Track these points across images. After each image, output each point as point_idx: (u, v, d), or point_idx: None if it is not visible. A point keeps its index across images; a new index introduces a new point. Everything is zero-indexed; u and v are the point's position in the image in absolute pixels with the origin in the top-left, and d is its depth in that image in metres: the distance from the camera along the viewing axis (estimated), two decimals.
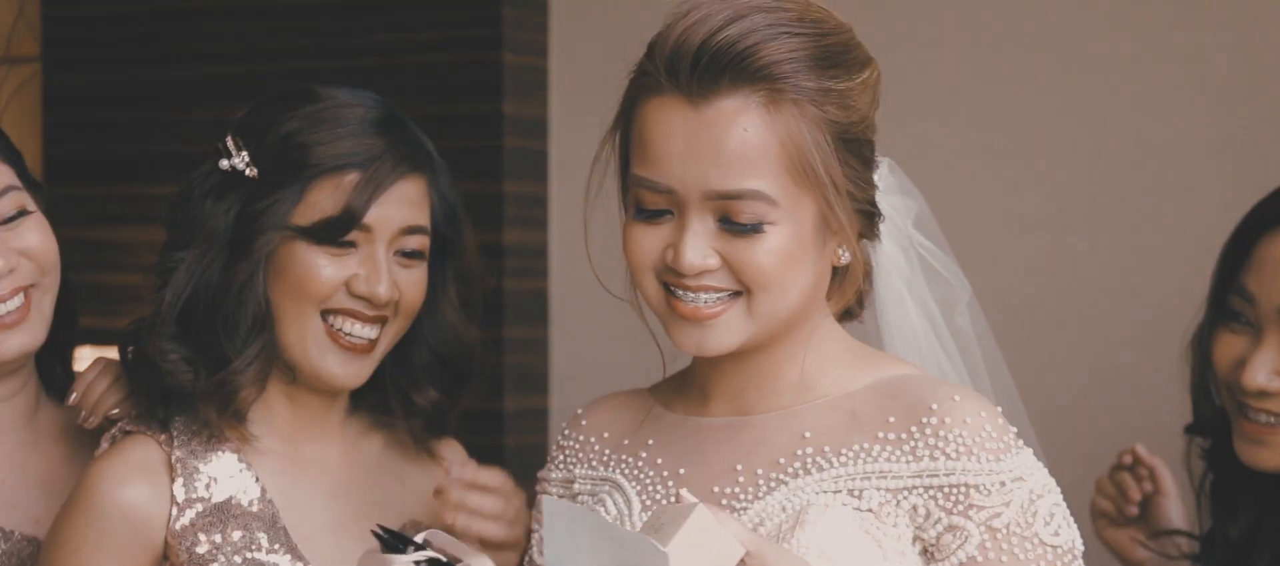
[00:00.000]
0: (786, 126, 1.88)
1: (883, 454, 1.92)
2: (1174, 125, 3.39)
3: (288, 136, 2.24)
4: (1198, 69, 3.38)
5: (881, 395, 1.96)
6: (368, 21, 3.94)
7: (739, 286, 1.92)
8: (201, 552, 2.20)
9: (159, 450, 2.24)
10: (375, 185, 2.22)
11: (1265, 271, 2.28)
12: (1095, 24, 3.44)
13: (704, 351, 1.95)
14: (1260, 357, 2.27)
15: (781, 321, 1.95)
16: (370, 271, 2.22)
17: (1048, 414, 3.37)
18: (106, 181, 4.20)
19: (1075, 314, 3.46)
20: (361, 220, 2.21)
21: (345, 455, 2.34)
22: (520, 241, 3.82)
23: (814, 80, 1.89)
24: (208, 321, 2.24)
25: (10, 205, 2.33)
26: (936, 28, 3.55)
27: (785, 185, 1.89)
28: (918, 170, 2.13)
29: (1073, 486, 2.80)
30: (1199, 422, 2.44)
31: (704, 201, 1.89)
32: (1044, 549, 1.90)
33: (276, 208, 2.22)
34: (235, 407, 2.24)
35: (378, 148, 2.24)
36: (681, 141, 1.89)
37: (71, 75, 4.30)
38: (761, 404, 2.01)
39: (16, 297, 2.31)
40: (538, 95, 3.89)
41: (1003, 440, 1.92)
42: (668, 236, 1.92)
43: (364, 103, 2.28)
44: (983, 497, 1.89)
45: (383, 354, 2.28)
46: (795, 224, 1.90)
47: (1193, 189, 3.33)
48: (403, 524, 2.30)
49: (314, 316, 2.23)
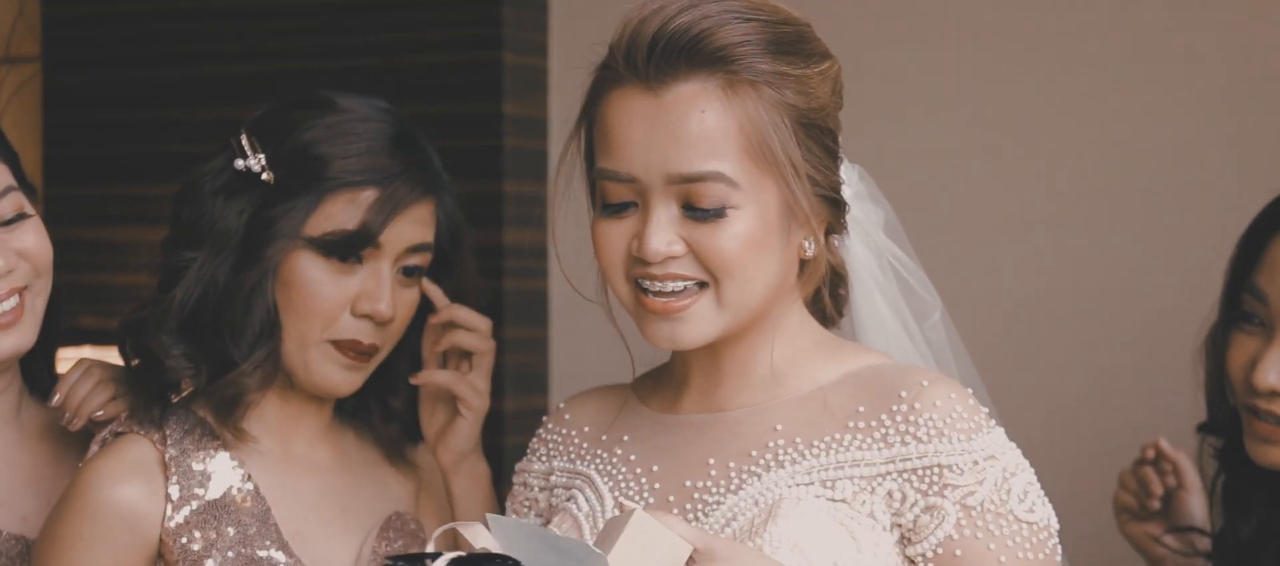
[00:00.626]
0: (744, 109, 1.90)
1: (854, 443, 1.94)
2: (1174, 125, 3.39)
3: (307, 146, 2.25)
4: (1198, 69, 3.37)
5: (852, 385, 1.98)
6: (368, 21, 3.94)
7: (705, 275, 1.93)
8: (196, 550, 2.21)
9: (153, 449, 2.25)
10: (393, 205, 2.24)
11: (1278, 271, 2.28)
12: (1095, 24, 3.44)
13: (677, 345, 1.96)
14: (1272, 357, 2.27)
15: (751, 310, 1.96)
16: (374, 288, 2.24)
17: (1049, 413, 3.38)
18: (106, 181, 4.20)
19: (1075, 314, 3.45)
20: (377, 239, 2.24)
21: (333, 452, 2.36)
22: (520, 241, 3.82)
23: (769, 63, 1.92)
24: (213, 323, 2.25)
25: (10, 206, 2.34)
26: (936, 27, 3.55)
27: (746, 168, 1.91)
28: (916, 170, 2.14)
29: (1074, 484, 2.81)
30: (1213, 423, 2.44)
31: (666, 187, 1.91)
32: (1020, 525, 1.91)
33: (291, 216, 2.23)
34: (237, 411, 2.25)
35: (396, 167, 2.25)
36: (641, 129, 1.91)
37: (71, 75, 4.30)
38: (734, 399, 2.02)
39: (11, 298, 2.32)
40: (538, 95, 3.89)
41: (974, 420, 1.93)
42: (633, 228, 1.94)
43: (383, 118, 2.30)
44: (956, 477, 1.91)
45: (377, 363, 2.31)
46: (758, 208, 1.92)
47: (1194, 189, 3.33)
48: (387, 517, 2.33)
49: (316, 331, 2.24)
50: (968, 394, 1.96)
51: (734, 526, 1.94)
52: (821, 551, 1.89)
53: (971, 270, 3.46)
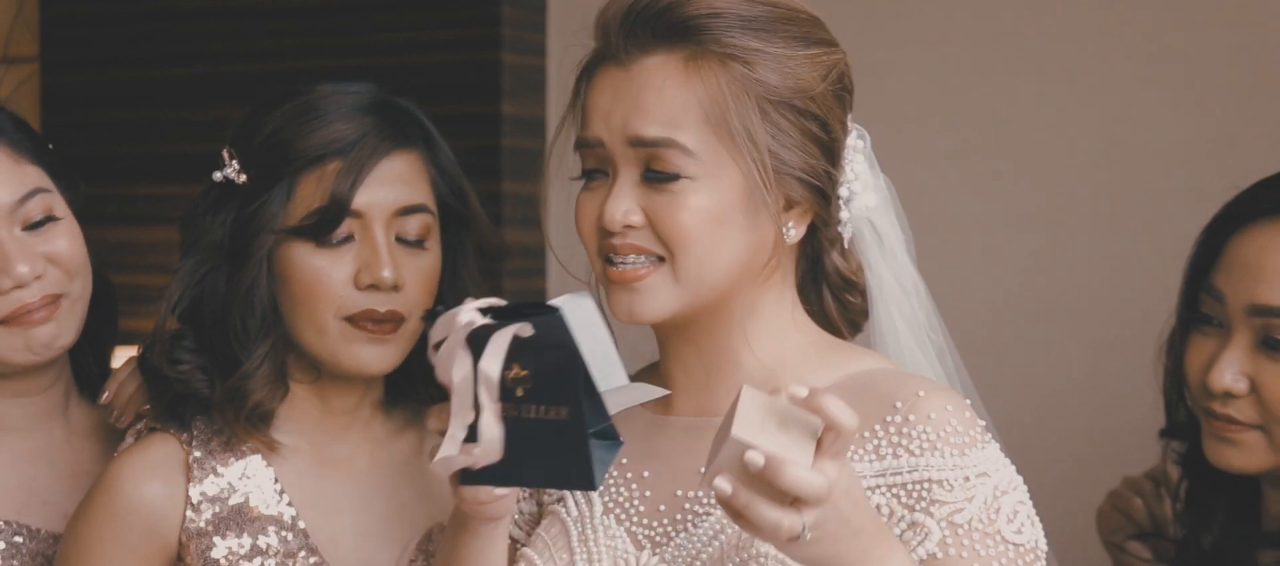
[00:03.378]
0: (705, 83, 1.89)
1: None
2: (1164, 126, 3.39)
3: (270, 136, 2.21)
4: (1191, 69, 3.38)
5: (847, 393, 1.89)
6: (368, 21, 3.94)
7: (662, 249, 1.91)
8: (216, 556, 2.19)
9: (179, 449, 2.22)
10: (358, 167, 2.18)
11: (1235, 271, 2.26)
12: (1089, 24, 3.44)
13: (635, 317, 1.93)
14: (1228, 357, 2.25)
15: (712, 288, 1.92)
16: (371, 256, 2.18)
17: (1038, 411, 3.38)
18: (105, 181, 4.19)
19: (1068, 313, 3.45)
20: (350, 206, 2.17)
21: (374, 457, 2.30)
22: (519, 241, 3.81)
23: (741, 38, 1.90)
24: (219, 331, 2.22)
25: (38, 209, 2.32)
26: (929, 27, 3.55)
27: (706, 140, 1.89)
28: (910, 170, 2.13)
29: (1060, 484, 2.80)
30: (1173, 427, 2.41)
31: (627, 151, 1.90)
32: (1006, 546, 1.86)
33: (266, 208, 2.19)
34: (250, 412, 2.20)
35: (360, 130, 2.20)
36: (609, 97, 1.92)
37: (69, 75, 4.30)
38: (725, 403, 1.98)
39: (42, 299, 2.30)
40: (536, 95, 3.90)
41: (969, 434, 1.89)
42: (603, 197, 1.93)
43: (351, 91, 2.25)
44: (945, 493, 1.86)
45: (410, 339, 2.23)
46: (718, 183, 1.89)
47: (1184, 189, 3.32)
48: (429, 529, 2.27)
49: (330, 317, 2.19)
50: (965, 406, 1.91)
51: (722, 538, 1.91)
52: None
53: (963, 269, 3.47)
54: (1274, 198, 2.27)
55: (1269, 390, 2.22)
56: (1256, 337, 2.23)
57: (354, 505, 2.26)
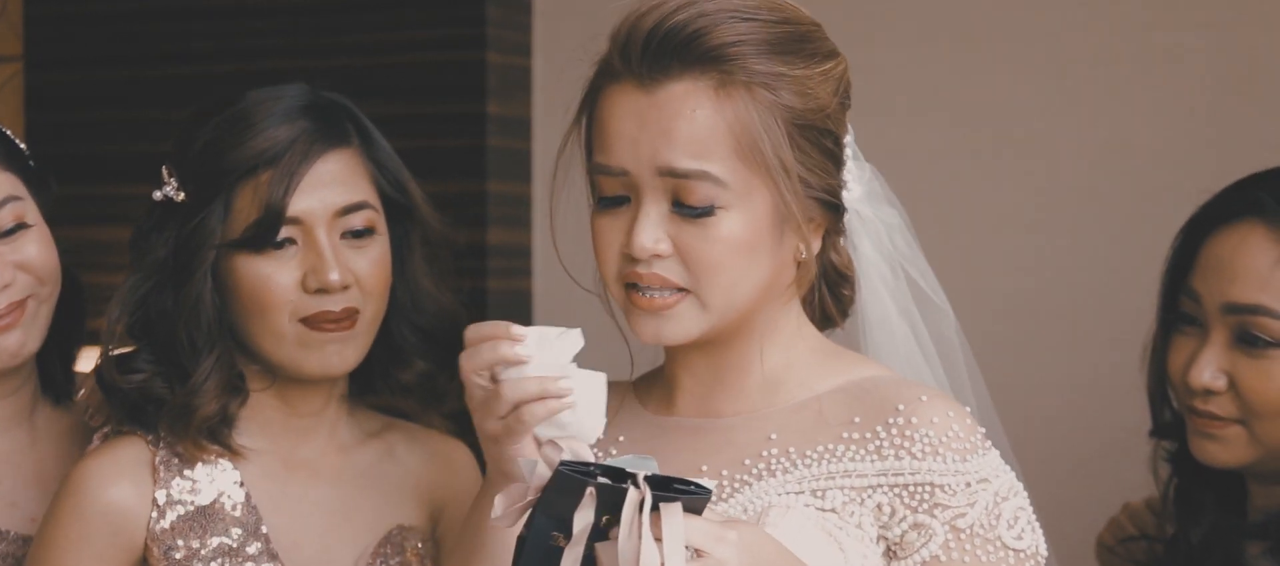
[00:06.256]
0: (736, 110, 1.89)
1: (847, 453, 1.92)
2: (1160, 125, 3.40)
3: (204, 150, 2.21)
4: (1180, 69, 3.38)
5: (849, 396, 1.96)
6: (352, 21, 3.93)
7: (689, 281, 1.91)
8: (178, 558, 2.19)
9: (146, 450, 2.23)
10: (289, 175, 2.17)
11: (1210, 272, 2.31)
12: (1078, 23, 3.45)
13: (662, 340, 1.95)
14: (1206, 356, 2.30)
15: (737, 312, 1.94)
16: (316, 262, 2.18)
17: (1031, 413, 3.38)
18: (89, 181, 4.18)
19: (1059, 313, 3.46)
20: (286, 215, 2.17)
21: (340, 460, 2.31)
22: (504, 241, 3.81)
23: (765, 64, 1.90)
24: (169, 347, 2.22)
25: (9, 217, 2.31)
26: (920, 25, 3.56)
27: (736, 169, 1.89)
28: (902, 169, 2.13)
29: (1057, 486, 2.81)
30: (1159, 427, 2.45)
31: (656, 180, 1.89)
32: (1006, 552, 1.89)
33: (206, 224, 2.19)
34: (198, 426, 2.20)
35: (290, 135, 2.19)
36: (633, 124, 1.90)
37: (53, 74, 4.29)
38: (729, 406, 2.00)
39: (8, 306, 2.29)
40: (522, 95, 3.89)
41: (970, 440, 1.92)
42: (626, 223, 1.92)
43: (283, 95, 2.23)
44: (948, 497, 1.89)
45: (369, 333, 2.24)
46: (748, 210, 1.90)
47: (1179, 188, 3.31)
48: (388, 531, 2.29)
49: (286, 322, 2.19)
50: (965, 413, 1.94)
51: None
52: (808, 559, 1.87)
53: (954, 268, 3.46)
54: (1244, 199, 2.33)
55: (1246, 385, 2.28)
56: (1232, 335, 2.29)
57: (318, 507, 2.27)
